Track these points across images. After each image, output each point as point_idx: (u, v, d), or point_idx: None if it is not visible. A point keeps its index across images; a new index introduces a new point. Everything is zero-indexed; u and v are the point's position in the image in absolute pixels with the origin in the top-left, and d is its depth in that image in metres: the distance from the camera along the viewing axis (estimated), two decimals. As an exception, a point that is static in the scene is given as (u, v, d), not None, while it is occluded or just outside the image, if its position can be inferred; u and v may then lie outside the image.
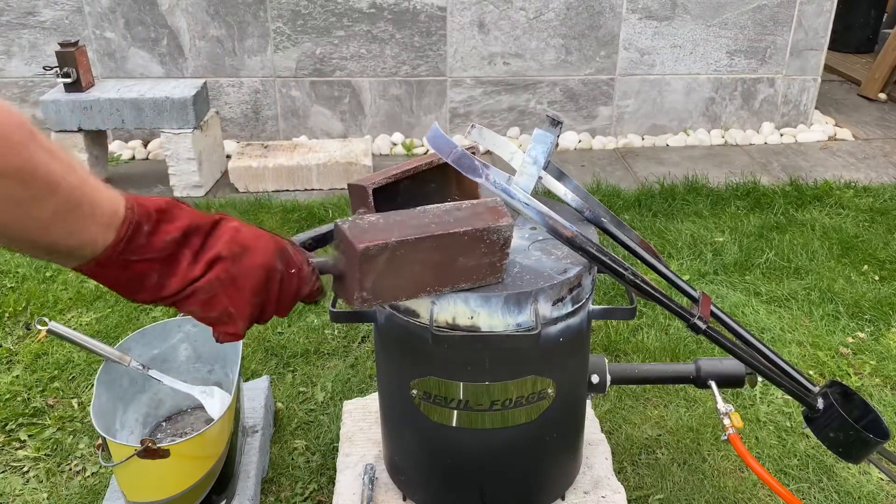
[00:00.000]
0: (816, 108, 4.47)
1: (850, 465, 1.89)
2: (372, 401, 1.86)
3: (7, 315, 2.52)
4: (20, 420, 2.07)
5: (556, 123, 1.27)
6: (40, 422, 2.07)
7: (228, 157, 3.84)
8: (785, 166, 3.89)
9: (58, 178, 0.71)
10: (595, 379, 1.57)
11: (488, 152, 1.42)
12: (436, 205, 1.17)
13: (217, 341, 0.93)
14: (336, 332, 2.42)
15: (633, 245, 1.40)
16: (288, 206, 3.33)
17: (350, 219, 1.09)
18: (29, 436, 2.01)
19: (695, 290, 1.36)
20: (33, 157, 0.68)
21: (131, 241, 0.79)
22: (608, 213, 1.43)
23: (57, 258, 0.78)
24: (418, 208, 1.14)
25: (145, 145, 4.09)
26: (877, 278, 2.77)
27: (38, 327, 1.52)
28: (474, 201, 1.20)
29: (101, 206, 0.76)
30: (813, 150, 4.13)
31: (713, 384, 1.60)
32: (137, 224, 0.79)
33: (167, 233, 0.83)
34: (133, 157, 4.03)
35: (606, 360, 1.61)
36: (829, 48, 4.27)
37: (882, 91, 4.88)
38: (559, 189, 1.37)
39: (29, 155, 0.68)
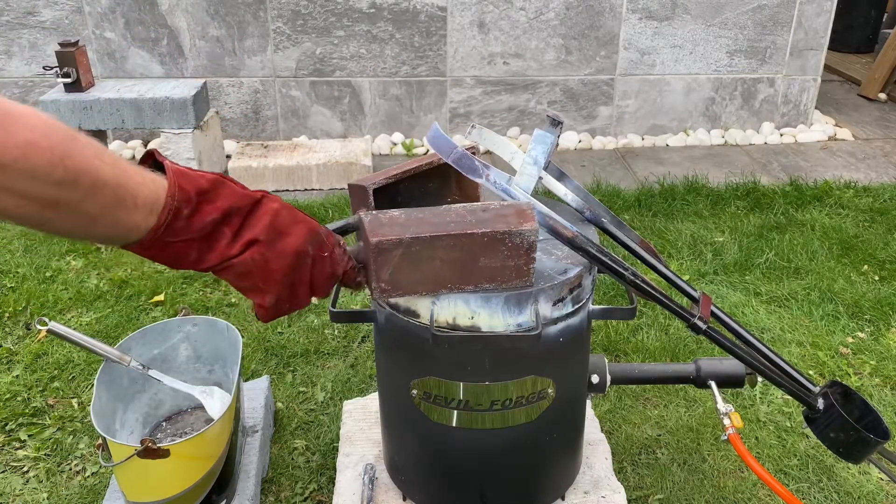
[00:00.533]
0: (816, 108, 4.47)
1: (850, 465, 1.89)
2: (372, 401, 1.86)
3: (7, 315, 2.52)
4: (20, 420, 2.07)
5: (556, 124, 1.27)
6: (40, 422, 2.07)
7: (228, 157, 3.84)
8: (785, 166, 3.89)
9: (104, 177, 0.76)
10: (595, 379, 1.57)
11: (488, 152, 1.42)
12: (463, 204, 1.17)
13: (256, 317, 1.01)
14: (336, 332, 2.42)
15: (633, 245, 1.40)
16: (288, 206, 3.32)
17: (374, 211, 1.11)
18: (29, 436, 2.01)
19: (695, 291, 1.36)
20: (78, 164, 0.73)
21: (170, 226, 0.85)
22: (608, 214, 1.43)
23: (100, 242, 0.85)
24: (444, 206, 1.15)
25: (145, 145, 4.09)
26: (877, 278, 2.77)
27: (38, 327, 1.52)
28: (504, 202, 1.19)
29: (143, 196, 0.82)
30: (813, 150, 4.13)
31: (713, 384, 1.60)
32: (177, 210, 0.84)
33: (207, 214, 0.88)
34: (133, 157, 4.03)
35: (606, 360, 1.61)
36: (829, 48, 4.27)
37: (882, 91, 4.88)
38: (559, 189, 1.37)
39: (72, 163, 0.72)
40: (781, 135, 4.30)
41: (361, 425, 1.79)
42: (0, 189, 0.69)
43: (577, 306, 1.29)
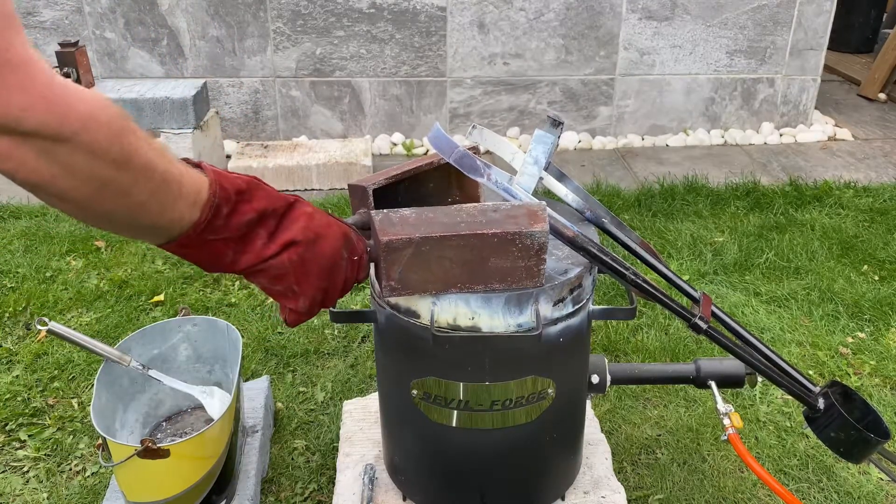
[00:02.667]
0: (816, 108, 4.47)
1: (849, 465, 1.89)
2: (372, 401, 1.86)
3: (7, 315, 2.52)
4: (20, 420, 2.07)
5: (556, 124, 1.27)
6: (40, 422, 2.07)
7: (228, 157, 3.84)
8: (785, 166, 3.89)
9: (154, 160, 0.76)
10: (595, 379, 1.57)
11: (489, 153, 1.42)
12: (474, 203, 1.17)
13: (284, 322, 1.00)
14: (336, 332, 2.42)
15: (633, 245, 1.40)
16: (288, 206, 3.32)
17: (385, 210, 1.12)
18: (29, 436, 2.01)
19: (695, 291, 1.36)
20: (132, 144, 0.73)
21: (211, 223, 0.85)
22: (608, 214, 1.43)
23: (145, 235, 0.84)
24: (455, 205, 1.15)
25: (145, 145, 4.09)
26: (877, 278, 2.78)
27: (38, 327, 1.52)
28: (516, 202, 1.19)
29: (187, 186, 0.82)
30: (813, 150, 4.13)
31: (713, 384, 1.60)
32: (217, 207, 0.85)
33: (244, 213, 0.88)
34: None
35: (606, 360, 1.61)
36: (828, 48, 4.27)
37: (882, 91, 4.89)
38: (560, 189, 1.37)
39: (127, 141, 0.73)
40: (781, 135, 4.30)
41: (361, 425, 1.79)
42: (61, 168, 0.68)
43: (577, 306, 1.29)
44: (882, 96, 4.88)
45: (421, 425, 1.38)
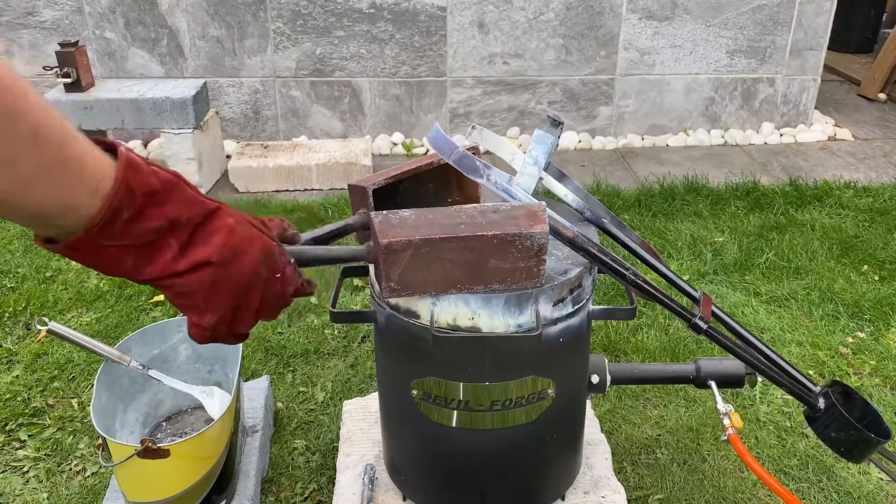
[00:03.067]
0: (816, 108, 4.47)
1: (849, 465, 1.89)
2: (372, 401, 1.86)
3: (7, 315, 2.52)
4: (20, 420, 2.07)
5: (556, 124, 1.27)
6: (40, 422, 2.07)
7: (228, 157, 3.84)
8: (785, 166, 3.89)
9: (47, 130, 0.65)
10: (595, 379, 1.57)
11: (488, 153, 1.42)
12: (473, 204, 1.17)
13: (189, 335, 0.88)
14: (336, 332, 2.42)
15: (633, 245, 1.40)
16: (288, 206, 3.33)
17: (384, 211, 1.11)
18: (29, 436, 2.01)
19: (695, 291, 1.36)
20: (18, 103, 0.62)
21: (107, 227, 0.72)
22: (608, 214, 1.43)
23: (32, 224, 0.72)
24: (455, 206, 1.15)
25: (145, 145, 4.09)
26: (877, 278, 2.77)
27: (38, 327, 1.52)
28: (516, 203, 1.19)
29: (90, 168, 0.70)
30: (813, 150, 4.13)
31: (713, 384, 1.60)
32: (117, 210, 0.72)
33: (151, 220, 0.76)
34: (133, 157, 4.02)
35: (606, 360, 1.61)
36: (828, 48, 4.27)
37: (882, 91, 4.88)
38: (560, 190, 1.37)
39: (12, 99, 0.62)
40: (781, 135, 4.30)
41: (361, 425, 1.79)
42: None
43: (577, 307, 1.29)
44: (882, 96, 4.88)
45: (421, 425, 1.38)
